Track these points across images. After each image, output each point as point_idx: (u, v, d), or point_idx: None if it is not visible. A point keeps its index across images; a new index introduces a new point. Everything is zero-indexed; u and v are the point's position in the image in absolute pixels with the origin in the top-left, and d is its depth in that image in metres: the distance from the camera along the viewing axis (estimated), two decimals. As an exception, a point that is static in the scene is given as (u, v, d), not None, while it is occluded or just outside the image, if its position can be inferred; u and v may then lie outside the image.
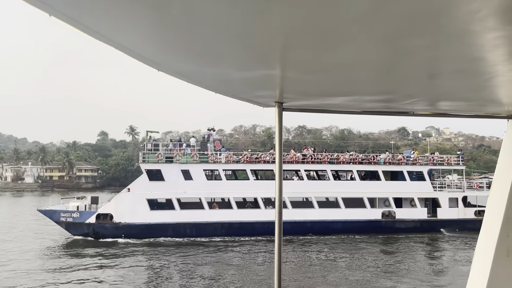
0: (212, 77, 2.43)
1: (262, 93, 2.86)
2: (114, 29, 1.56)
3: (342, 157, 35.78)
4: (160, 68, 2.12)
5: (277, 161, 3.09)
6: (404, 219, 35.10)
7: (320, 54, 1.85)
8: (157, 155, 32.89)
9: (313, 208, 34.27)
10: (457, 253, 29.10)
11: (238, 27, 1.49)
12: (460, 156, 37.54)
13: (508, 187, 3.59)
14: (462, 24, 1.44)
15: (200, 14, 1.36)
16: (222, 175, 34.00)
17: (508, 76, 2.23)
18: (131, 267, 23.84)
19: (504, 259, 3.57)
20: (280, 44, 1.73)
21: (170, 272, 23.21)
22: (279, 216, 3.04)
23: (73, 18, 1.39)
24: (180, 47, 1.82)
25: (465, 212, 35.74)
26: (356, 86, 2.65)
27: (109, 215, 31.74)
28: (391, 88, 2.75)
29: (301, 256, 27.28)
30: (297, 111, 3.39)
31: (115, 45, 1.69)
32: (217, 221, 32.84)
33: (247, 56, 1.91)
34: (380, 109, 3.55)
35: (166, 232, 31.93)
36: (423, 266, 25.56)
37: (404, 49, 1.78)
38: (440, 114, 3.74)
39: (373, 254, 27.99)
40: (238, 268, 24.08)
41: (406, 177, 35.78)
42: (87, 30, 1.50)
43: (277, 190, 3.03)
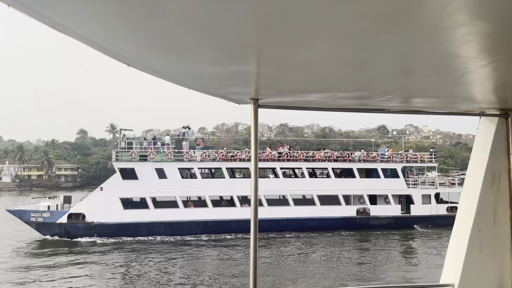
0: (185, 73, 2.38)
1: (237, 90, 2.83)
2: (81, 22, 1.50)
3: (318, 154, 35.99)
4: (129, 63, 2.06)
5: (253, 159, 3.08)
6: (378, 216, 35.54)
7: (293, 50, 1.82)
8: (131, 154, 32.48)
9: (289, 206, 34.40)
10: (429, 248, 29.63)
11: (210, 22, 1.46)
12: (432, 153, 38.18)
13: (480, 184, 3.69)
14: (432, 19, 1.44)
15: (170, 8, 1.33)
16: (197, 174, 33.80)
17: (480, 73, 2.24)
18: (103, 267, 23.48)
19: (476, 253, 3.67)
20: (253, 40, 1.70)
21: (144, 271, 22.93)
22: (254, 214, 3.05)
23: (36, 10, 1.33)
24: (150, 42, 1.77)
25: (437, 209, 36.40)
26: (330, 83, 2.64)
27: (81, 214, 31.21)
28: (365, 85, 2.75)
29: (277, 253, 27.35)
30: (273, 108, 3.40)
31: (82, 39, 1.64)
32: (192, 219, 32.65)
33: (219, 51, 1.87)
34: (356, 106, 3.57)
35: (140, 231, 31.60)
36: (397, 261, 25.93)
37: (376, 46, 1.77)
38: (415, 111, 3.80)
39: (348, 251, 28.27)
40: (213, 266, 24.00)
41: (381, 175, 36.23)
42: (54, 24, 1.45)
43: (252, 188, 3.02)
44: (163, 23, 1.48)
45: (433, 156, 38.09)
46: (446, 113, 3.95)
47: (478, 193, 3.72)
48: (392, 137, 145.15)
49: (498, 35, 1.68)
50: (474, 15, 1.43)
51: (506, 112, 3.75)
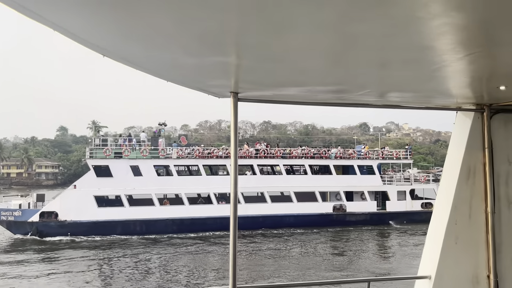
0: (162, 64, 2.32)
1: (216, 83, 2.79)
2: (55, 10, 1.45)
3: (295, 151, 36.10)
4: (105, 53, 2.00)
5: (232, 154, 3.05)
6: (354, 212, 35.88)
7: (272, 40, 1.80)
8: (105, 151, 32.01)
9: (266, 203, 34.44)
10: (403, 243, 30.08)
11: (188, 10, 1.42)
12: (408, 150, 38.70)
13: (456, 177, 3.74)
14: (407, 10, 1.41)
15: None
16: (173, 171, 33.54)
17: (456, 67, 2.24)
18: (77, 266, 23.06)
19: (452, 246, 3.72)
20: (232, 29, 1.66)
21: (119, 269, 22.66)
22: (234, 210, 3.07)
23: None
24: (126, 30, 1.72)
25: (412, 205, 36.94)
26: (308, 76, 2.63)
27: (54, 213, 30.65)
28: (342, 79, 2.73)
29: (253, 249, 27.37)
30: (253, 102, 3.38)
31: (57, 28, 1.58)
32: (168, 217, 32.41)
33: (198, 41, 1.83)
34: (334, 100, 3.56)
35: (115, 229, 31.19)
36: (371, 256, 26.25)
37: (352, 37, 1.74)
38: (393, 105, 3.81)
39: (324, 247, 28.48)
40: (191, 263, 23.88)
41: (357, 171, 36.56)
42: (28, 13, 1.39)
43: (232, 184, 3.02)
44: (139, 11, 1.44)
45: (409, 153, 38.61)
46: (424, 108, 3.98)
47: (454, 187, 3.78)
48: (373, 134, 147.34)
49: (473, 26, 1.66)
50: (449, 6, 1.42)
51: (482, 107, 3.79)
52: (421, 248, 4.09)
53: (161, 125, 36.41)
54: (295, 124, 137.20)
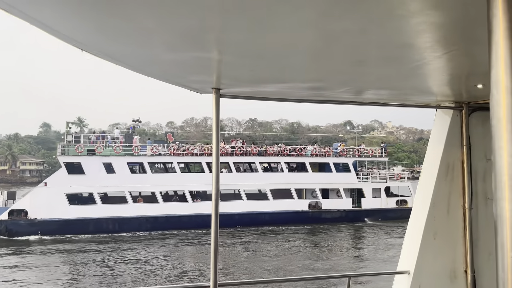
0: (142, 59, 2.30)
1: (198, 78, 2.79)
2: (33, 5, 1.38)
3: (271, 149, 36.10)
4: (83, 47, 1.94)
5: (214, 151, 3.04)
6: (330, 210, 36.05)
7: (253, 35, 1.81)
8: (77, 148, 31.59)
9: (242, 200, 34.40)
10: (378, 239, 30.31)
11: (168, 4, 1.41)
12: (383, 148, 39.00)
13: (435, 174, 3.78)
14: (386, 7, 1.43)
15: None
16: (147, 168, 33.26)
17: (434, 64, 2.26)
18: (45, 267, 22.62)
19: (431, 241, 3.78)
20: (213, 24, 1.64)
21: (90, 270, 22.36)
22: (215, 207, 3.06)
23: None
24: (105, 25, 1.67)
25: (387, 202, 37.26)
26: (289, 73, 2.64)
27: (23, 211, 30.16)
28: (322, 75, 2.74)
29: (229, 247, 27.32)
30: (234, 98, 3.37)
31: (34, 22, 1.52)
32: (142, 215, 32.15)
33: (178, 36, 1.79)
34: (315, 97, 3.60)
35: (87, 228, 30.82)
36: (345, 252, 26.41)
37: (331, 33, 1.76)
38: (373, 103, 3.84)
39: (299, 244, 28.56)
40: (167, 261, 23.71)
41: (332, 169, 36.71)
42: (5, 6, 1.34)
43: (214, 181, 3.01)
44: (121, 7, 1.41)
45: (384, 151, 38.91)
46: (404, 105, 4.04)
47: (433, 183, 3.84)
48: (358, 132, 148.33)
49: (450, 25, 1.67)
50: (427, 4, 1.42)
51: (461, 105, 3.86)
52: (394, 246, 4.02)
53: (135, 122, 36.03)
54: (281, 122, 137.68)
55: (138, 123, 36.33)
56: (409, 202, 37.72)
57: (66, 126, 33.20)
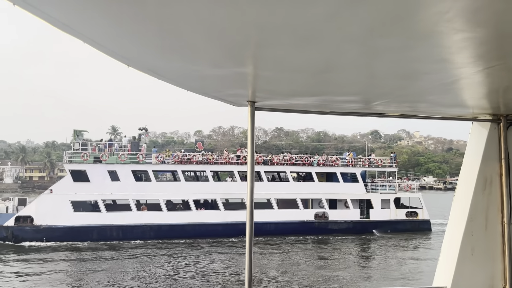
0: (185, 74, 2.39)
1: (234, 92, 2.87)
2: (85, 22, 1.50)
3: (276, 158, 35.70)
4: (130, 63, 2.07)
5: (249, 161, 3.11)
6: (337, 221, 35.30)
7: (292, 53, 1.84)
8: (82, 155, 31.91)
9: (246, 210, 33.96)
10: (386, 253, 29.39)
11: (213, 22, 1.46)
12: (393, 158, 38.11)
13: (472, 188, 3.75)
14: (429, 25, 1.45)
15: (175, 9, 1.33)
16: (152, 176, 33.29)
17: (473, 79, 2.28)
18: (50, 273, 22.74)
19: (468, 257, 3.74)
20: (254, 41, 1.72)
21: (94, 277, 22.36)
22: (250, 216, 3.14)
23: (40, 8, 1.33)
24: (153, 42, 1.77)
25: (396, 213, 36.25)
26: (327, 86, 2.64)
27: (29, 217, 30.54)
28: (361, 89, 2.75)
29: (233, 257, 26.95)
30: (269, 111, 3.41)
31: (85, 39, 1.63)
32: (145, 223, 32.13)
33: (221, 53, 1.88)
34: (350, 110, 3.63)
35: (91, 235, 30.98)
36: (353, 265, 25.64)
37: (374, 50, 1.81)
38: (408, 115, 3.82)
39: (304, 255, 27.96)
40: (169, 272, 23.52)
41: (340, 179, 36.02)
42: (57, 24, 1.44)
43: (248, 191, 3.11)
44: (168, 24, 1.48)
45: (393, 161, 38.01)
46: (439, 118, 3.99)
47: (470, 197, 3.79)
48: (385, 141, 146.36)
49: (494, 41, 1.69)
50: (472, 22, 1.44)
51: (499, 118, 3.82)
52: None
53: (141, 130, 36.25)
54: (307, 131, 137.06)
55: (144, 131, 36.48)
56: (419, 213, 36.67)
57: (74, 134, 33.59)
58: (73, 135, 33.35)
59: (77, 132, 33.99)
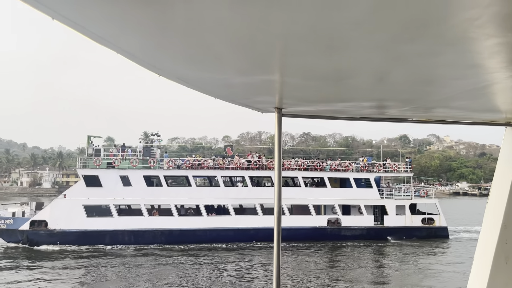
0: (213, 82, 2.44)
1: (261, 99, 2.92)
2: (115, 32, 1.57)
3: (288, 163, 35.35)
4: (161, 73, 2.14)
5: (276, 167, 3.18)
6: (350, 227, 34.60)
7: (319, 60, 1.87)
8: (95, 161, 32.40)
9: (257, 215, 33.80)
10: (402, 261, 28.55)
11: (240, 32, 1.51)
12: (408, 163, 37.17)
13: (506, 194, 3.67)
14: (460, 31, 1.45)
15: (203, 20, 1.37)
16: (163, 181, 33.49)
17: (506, 84, 2.26)
18: (63, 276, 23.10)
19: (502, 266, 3.66)
20: (281, 50, 1.75)
21: (107, 280, 22.57)
22: (277, 221, 3.18)
23: (73, 20, 1.40)
24: (182, 53, 1.84)
25: (412, 220, 35.26)
26: (355, 92, 2.67)
27: (43, 221, 31.16)
28: (389, 95, 2.77)
29: (245, 263, 26.74)
30: (296, 117, 3.45)
31: (115, 48, 1.70)
32: (156, 228, 32.30)
33: (248, 61, 1.93)
34: (378, 115, 3.60)
35: (103, 239, 31.36)
36: (366, 273, 25.00)
37: (402, 56, 1.81)
38: (438, 121, 3.78)
39: (316, 262, 27.48)
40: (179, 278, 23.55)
41: (353, 184, 35.36)
42: (87, 33, 1.51)
43: (276, 196, 3.15)
44: (196, 36, 1.53)
45: (409, 166, 37.07)
46: (470, 123, 3.91)
47: (504, 204, 3.71)
48: (415, 146, 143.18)
49: None
50: (504, 27, 1.42)
51: None
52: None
53: (153, 136, 36.57)
54: (335, 136, 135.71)
55: (157, 136, 36.81)
56: (436, 220, 35.57)
57: (88, 140, 34.19)
58: (87, 141, 33.89)
59: (91, 138, 34.53)
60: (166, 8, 1.27)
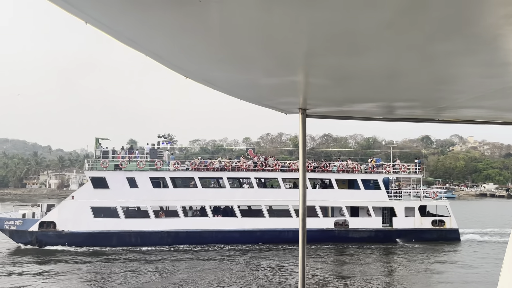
0: (239, 84, 2.46)
1: (286, 100, 2.93)
2: (146, 36, 1.60)
3: (294, 164, 35.07)
4: (188, 75, 2.18)
5: (301, 169, 3.19)
6: (358, 229, 34.09)
7: (346, 61, 1.86)
8: (102, 163, 32.77)
9: (263, 217, 33.62)
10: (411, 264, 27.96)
11: (269, 33, 1.51)
12: (417, 164, 36.44)
13: None
14: (495, 29, 1.43)
15: (233, 22, 1.39)
16: (169, 183, 33.63)
17: None
18: (71, 277, 23.44)
19: None
20: (308, 50, 1.74)
21: (113, 281, 22.78)
22: (303, 223, 3.16)
23: (105, 24, 1.45)
24: (210, 56, 1.86)
25: (421, 222, 34.52)
26: (381, 92, 2.65)
27: (52, 223, 31.64)
28: (417, 94, 2.76)
29: (247, 265, 26.62)
30: (321, 118, 3.45)
31: (144, 51, 1.73)
32: (163, 229, 32.45)
33: (275, 61, 1.93)
34: (406, 116, 3.56)
35: (110, 240, 31.66)
36: (373, 276, 24.60)
37: (434, 55, 1.78)
38: (466, 121, 3.70)
39: (323, 264, 27.17)
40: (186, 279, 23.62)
41: (360, 186, 34.84)
42: (118, 36, 1.55)
43: (300, 198, 3.14)
44: (226, 37, 1.54)
45: (418, 167, 36.33)
46: (500, 123, 3.83)
47: None
48: (437, 147, 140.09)
49: None
50: None
51: None
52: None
53: (160, 138, 36.83)
54: (356, 137, 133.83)
55: (164, 138, 37.01)
56: (447, 222, 34.75)
57: (96, 142, 34.62)
58: (95, 143, 34.31)
59: (99, 140, 34.95)
60: (196, 11, 1.27)
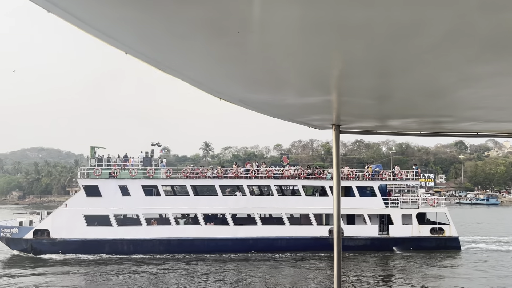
0: (272, 104, 2.51)
1: (319, 117, 2.97)
2: (185, 64, 1.65)
3: (287, 172, 34.62)
4: (223, 97, 2.24)
5: (335, 182, 3.25)
6: (353, 237, 33.26)
7: (380, 82, 1.87)
8: (95, 171, 33.12)
9: (256, 225, 33.24)
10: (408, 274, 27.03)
11: (306, 58, 1.54)
12: (414, 171, 35.40)
13: None
14: None
15: (268, 50, 1.42)
16: (161, 191, 33.70)
17: None
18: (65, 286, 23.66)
19: None
20: (341, 73, 1.76)
21: None
22: (337, 230, 3.22)
23: (146, 54, 1.51)
24: (246, 79, 1.91)
25: (419, 230, 33.40)
26: (416, 109, 2.65)
27: (46, 231, 32.10)
28: (454, 112, 2.76)
29: (241, 275, 26.31)
30: (354, 134, 3.51)
31: (182, 77, 1.78)
32: (155, 237, 32.47)
33: (309, 83, 1.97)
34: (441, 130, 3.50)
35: (103, 248, 31.88)
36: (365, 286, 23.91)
37: (473, 76, 1.78)
38: (506, 134, 3.63)
39: (316, 273, 26.59)
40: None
41: (355, 193, 34.06)
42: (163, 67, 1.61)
43: (335, 208, 3.18)
44: (267, 61, 1.57)
45: (415, 174, 35.28)
46: None
47: None
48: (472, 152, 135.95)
49: None
50: None
51: None
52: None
53: (154, 145, 37.02)
54: (388, 143, 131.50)
55: (158, 146, 37.22)
56: (446, 230, 33.53)
57: (91, 151, 35.07)
58: (90, 152, 34.75)
59: (94, 148, 35.39)
60: (235, 41, 1.26)
